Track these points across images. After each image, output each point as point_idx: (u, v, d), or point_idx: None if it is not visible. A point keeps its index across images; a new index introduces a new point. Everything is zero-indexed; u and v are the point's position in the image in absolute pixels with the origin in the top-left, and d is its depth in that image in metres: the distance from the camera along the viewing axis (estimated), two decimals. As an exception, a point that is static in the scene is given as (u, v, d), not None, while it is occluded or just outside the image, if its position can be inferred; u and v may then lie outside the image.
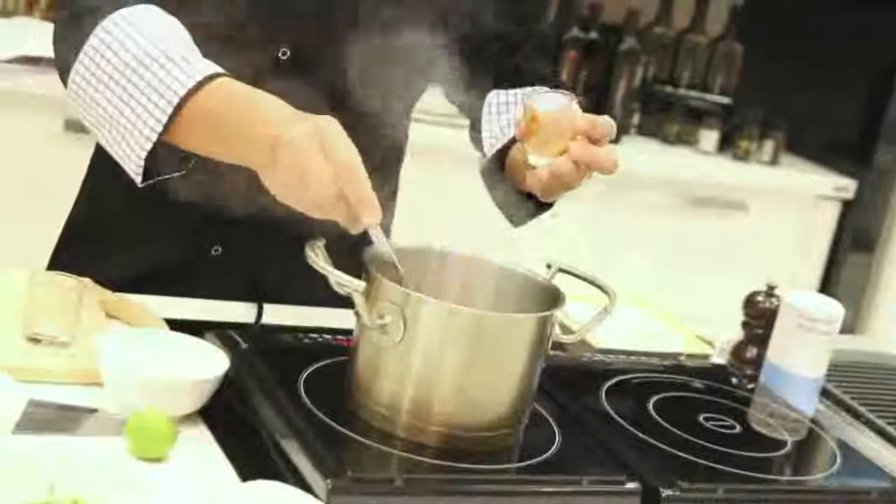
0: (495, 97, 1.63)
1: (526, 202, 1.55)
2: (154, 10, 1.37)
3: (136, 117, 1.30)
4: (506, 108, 1.63)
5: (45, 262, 1.66)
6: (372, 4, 1.47)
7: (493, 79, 1.65)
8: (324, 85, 1.41)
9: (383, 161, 1.63)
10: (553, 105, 1.36)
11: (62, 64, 1.39)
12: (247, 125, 1.26)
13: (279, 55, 1.49)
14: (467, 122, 1.72)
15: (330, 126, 1.21)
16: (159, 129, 1.29)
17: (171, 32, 1.35)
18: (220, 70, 1.31)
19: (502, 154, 1.55)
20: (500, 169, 1.56)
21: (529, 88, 1.62)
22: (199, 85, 1.29)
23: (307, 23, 1.48)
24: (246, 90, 1.30)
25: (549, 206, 1.54)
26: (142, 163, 1.31)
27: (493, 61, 1.65)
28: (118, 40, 1.33)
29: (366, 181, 1.20)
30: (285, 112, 1.25)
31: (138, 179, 1.33)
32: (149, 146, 1.30)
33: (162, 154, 1.33)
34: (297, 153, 1.20)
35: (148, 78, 1.30)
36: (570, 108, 1.36)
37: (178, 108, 1.28)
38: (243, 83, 1.30)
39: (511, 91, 1.63)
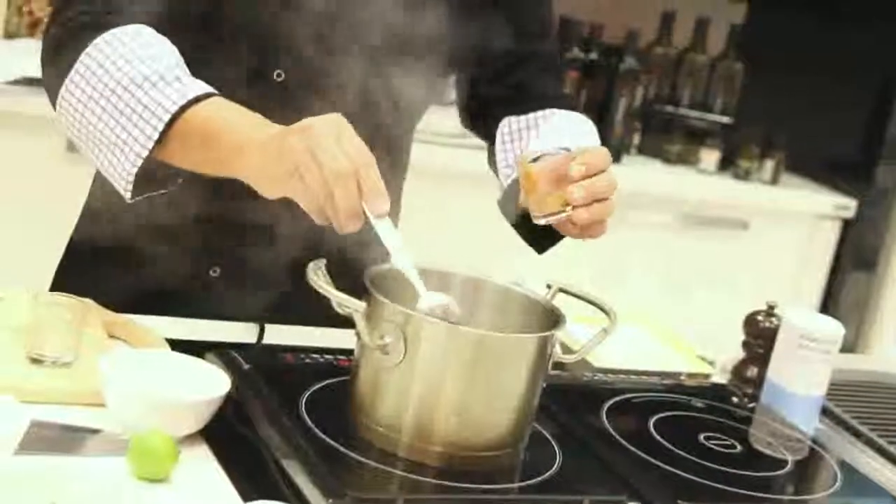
0: (507, 125, 1.64)
1: (543, 233, 1.53)
2: (146, 30, 1.38)
3: (128, 134, 1.32)
4: (518, 136, 1.63)
5: (47, 282, 1.67)
6: (368, 25, 1.47)
7: (501, 100, 1.65)
8: (318, 106, 1.42)
9: (389, 177, 1.63)
10: (544, 159, 1.38)
11: (51, 81, 1.40)
12: (244, 130, 1.27)
13: (274, 77, 1.49)
14: (469, 142, 1.73)
15: (340, 120, 1.22)
16: (150, 145, 1.31)
17: (162, 53, 1.36)
18: (212, 90, 1.33)
19: (517, 184, 1.51)
20: (516, 198, 1.52)
21: (540, 112, 1.63)
22: (192, 102, 1.30)
23: (301, 44, 1.48)
24: (238, 108, 1.31)
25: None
26: (132, 179, 1.33)
27: (499, 82, 1.66)
28: (110, 59, 1.34)
29: (378, 174, 1.20)
30: (286, 128, 1.26)
31: (127, 196, 1.35)
32: (139, 162, 1.32)
33: (151, 172, 1.35)
34: (313, 135, 1.20)
35: (139, 96, 1.32)
36: (562, 159, 1.36)
37: (170, 124, 1.30)
38: (236, 104, 1.32)
39: (522, 117, 1.64)
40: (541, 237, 1.57)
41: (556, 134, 1.57)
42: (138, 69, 1.33)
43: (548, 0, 1.69)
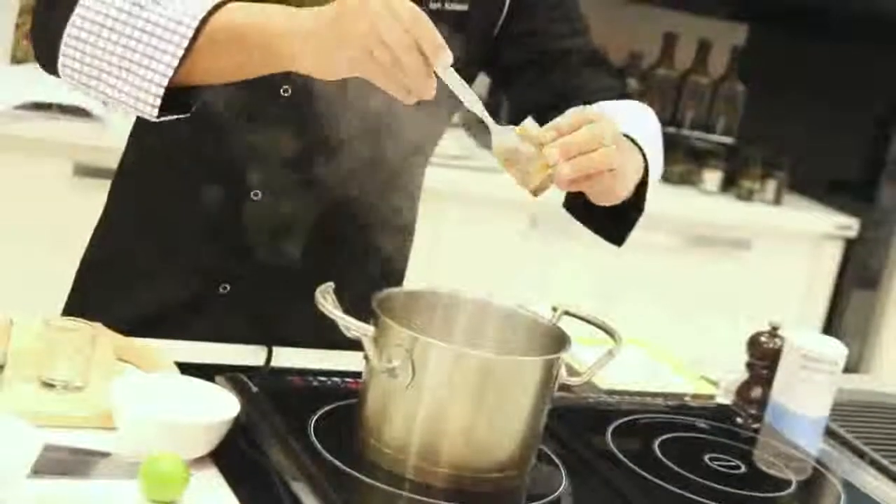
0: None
1: (617, 217, 1.52)
2: None
3: (154, 48, 1.31)
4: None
5: (56, 304, 1.68)
6: None
7: (545, 106, 1.54)
8: (326, 123, 1.43)
9: (399, 200, 1.64)
10: (507, 134, 1.32)
11: (50, 25, 1.38)
12: (283, 21, 1.26)
13: (281, 92, 1.51)
14: (473, 163, 1.74)
15: None
16: (180, 54, 1.30)
17: None
18: None
19: None
20: (576, 195, 1.49)
21: (580, 106, 1.56)
22: (217, 7, 1.30)
23: None
24: (262, 4, 1.30)
25: (640, 211, 1.53)
26: (161, 93, 1.31)
27: (538, 85, 1.63)
28: None
29: (434, 26, 1.20)
30: (325, 7, 1.25)
31: (154, 114, 1.33)
32: (170, 73, 1.30)
33: (173, 90, 1.33)
34: (369, 11, 1.19)
35: (160, 10, 1.31)
36: (527, 131, 1.31)
37: (198, 32, 1.29)
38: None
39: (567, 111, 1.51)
40: (611, 225, 1.54)
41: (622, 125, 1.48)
42: None
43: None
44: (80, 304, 1.62)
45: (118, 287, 1.62)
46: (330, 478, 1.21)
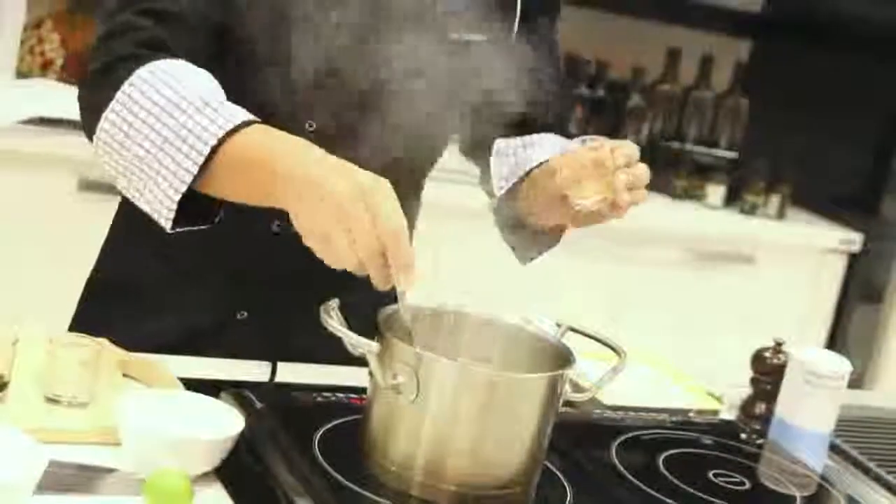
0: (503, 143, 1.66)
1: (538, 238, 1.62)
2: (187, 63, 1.37)
3: (171, 160, 1.30)
4: (513, 152, 1.66)
5: (60, 320, 1.68)
6: (395, 79, 1.48)
7: (501, 128, 1.66)
8: (349, 157, 1.44)
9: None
10: (586, 148, 1.45)
11: (89, 116, 1.39)
12: (286, 167, 1.25)
13: (306, 127, 1.51)
14: (476, 170, 1.76)
15: (379, 186, 1.21)
16: (195, 170, 1.29)
17: (204, 81, 1.35)
18: (254, 118, 1.32)
19: (513, 194, 1.60)
20: (512, 208, 1.61)
21: (536, 136, 1.66)
22: (237, 129, 1.29)
23: (333, 98, 1.50)
24: (283, 134, 1.30)
25: (557, 241, 1.63)
26: (174, 206, 1.31)
27: (503, 114, 1.67)
28: (153, 87, 1.33)
29: (409, 246, 1.21)
30: (329, 159, 1.25)
31: (168, 225, 1.33)
32: (183, 188, 1.30)
33: (192, 202, 1.33)
34: (340, 207, 1.20)
35: (183, 121, 1.30)
36: (599, 150, 1.43)
37: (215, 150, 1.29)
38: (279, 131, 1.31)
39: (517, 139, 1.66)
40: (527, 248, 1.66)
41: (556, 149, 1.61)
42: (182, 94, 1.32)
43: (558, 47, 1.73)
44: (88, 323, 1.61)
45: (129, 311, 1.62)
46: (334, 494, 1.22)
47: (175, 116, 1.31)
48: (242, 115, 1.31)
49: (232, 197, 1.34)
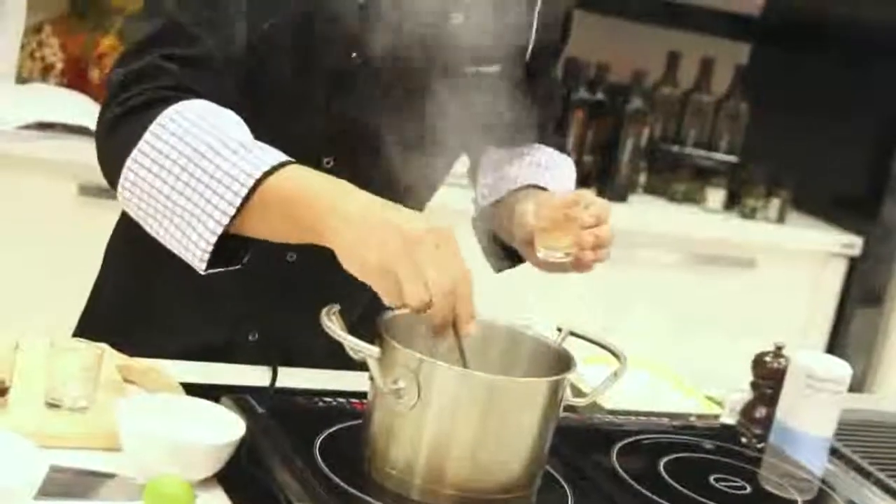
0: (494, 153, 1.72)
1: (506, 255, 1.69)
2: (213, 104, 1.36)
3: (206, 202, 1.29)
4: (499, 165, 1.71)
5: (61, 325, 1.67)
6: (409, 114, 1.50)
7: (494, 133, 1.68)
8: (360, 185, 1.44)
9: None
10: (563, 199, 1.51)
11: (111, 159, 1.37)
12: (330, 196, 1.26)
13: (325, 163, 1.51)
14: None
15: (447, 228, 1.23)
16: (232, 212, 1.28)
17: (234, 123, 1.35)
18: (289, 158, 1.31)
19: (493, 206, 1.68)
20: (489, 219, 1.70)
21: (526, 147, 1.72)
22: (275, 169, 1.29)
23: (350, 134, 1.51)
24: (319, 172, 1.31)
25: (522, 260, 1.67)
26: (210, 249, 1.30)
27: (503, 139, 1.71)
28: (182, 128, 1.32)
29: (472, 290, 1.23)
30: (378, 199, 1.26)
31: (202, 267, 1.32)
32: (220, 230, 1.29)
33: (225, 243, 1.32)
34: (411, 241, 1.20)
35: (219, 163, 1.29)
36: (571, 205, 1.49)
37: (252, 192, 1.28)
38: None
39: (505, 149, 1.72)
40: (502, 260, 1.72)
41: (538, 169, 1.69)
42: (215, 136, 1.31)
43: (558, 81, 1.83)
44: (94, 330, 1.60)
45: (138, 327, 1.62)
46: (335, 499, 1.22)
47: (209, 158, 1.30)
48: (278, 155, 1.31)
49: (267, 236, 1.33)
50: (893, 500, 1.62)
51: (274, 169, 1.29)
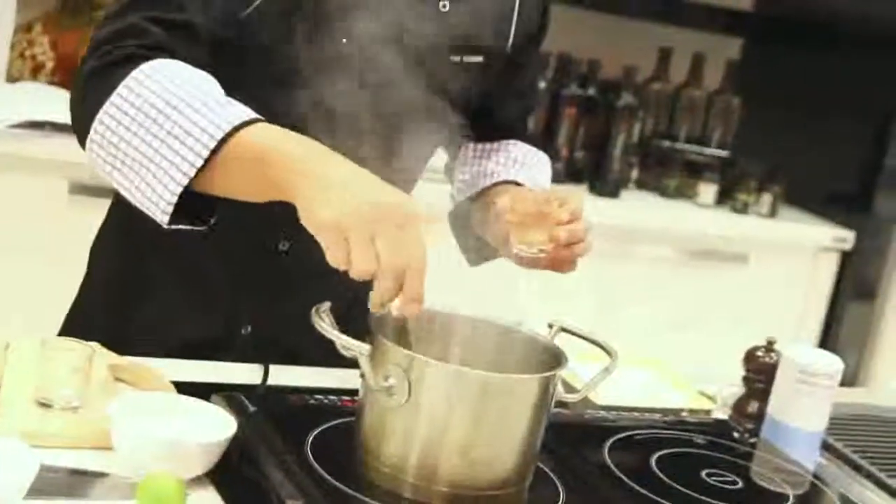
0: (471, 149, 1.75)
1: (485, 248, 1.69)
2: (188, 65, 1.37)
3: (175, 154, 1.29)
4: (477, 161, 1.74)
5: (52, 324, 1.67)
6: (389, 102, 1.50)
7: (475, 132, 1.71)
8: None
9: None
10: (538, 196, 1.51)
11: (82, 111, 1.37)
12: (305, 162, 1.25)
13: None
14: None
15: (420, 209, 1.23)
16: (199, 164, 1.28)
17: (207, 80, 1.35)
18: (259, 116, 1.31)
19: (469, 201, 1.70)
20: (466, 214, 1.70)
21: (503, 143, 1.74)
22: (242, 125, 1.29)
23: (329, 118, 1.49)
24: (292, 133, 1.30)
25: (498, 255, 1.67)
26: (173, 201, 1.30)
27: (479, 123, 1.71)
28: (157, 81, 1.32)
29: (424, 278, 1.22)
30: (350, 163, 1.26)
31: (164, 220, 1.31)
32: (185, 182, 1.29)
33: (189, 200, 1.32)
34: (381, 212, 1.20)
35: (189, 114, 1.29)
36: (544, 200, 1.49)
37: (221, 144, 1.28)
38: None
39: (482, 144, 1.74)
40: (478, 254, 1.74)
41: (515, 165, 1.71)
42: (188, 91, 1.31)
43: (538, 68, 1.83)
44: (83, 328, 1.60)
45: (130, 321, 1.62)
46: (327, 497, 1.21)
47: (180, 110, 1.30)
48: (250, 112, 1.31)
49: (232, 192, 1.32)
50: (885, 494, 1.62)
51: (245, 124, 1.29)
